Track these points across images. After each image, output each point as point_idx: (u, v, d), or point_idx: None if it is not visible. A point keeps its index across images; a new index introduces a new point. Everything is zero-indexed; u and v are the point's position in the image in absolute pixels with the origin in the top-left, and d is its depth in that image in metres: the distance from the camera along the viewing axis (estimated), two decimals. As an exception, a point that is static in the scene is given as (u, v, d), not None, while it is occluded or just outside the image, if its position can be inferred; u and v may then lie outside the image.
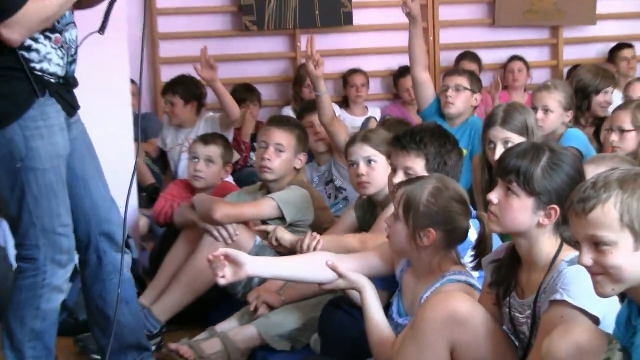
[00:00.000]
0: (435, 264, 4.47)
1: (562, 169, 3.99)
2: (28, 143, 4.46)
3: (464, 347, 4.03)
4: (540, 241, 3.99)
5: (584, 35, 11.72)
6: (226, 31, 10.55)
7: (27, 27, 4.30)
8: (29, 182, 4.49)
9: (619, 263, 3.20)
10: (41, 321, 4.64)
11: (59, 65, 4.62)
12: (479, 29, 11.38)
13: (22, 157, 4.46)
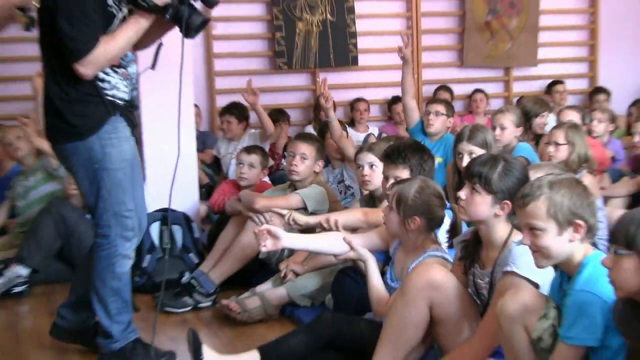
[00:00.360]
0: (419, 243, 4.52)
1: (512, 174, 4.08)
2: (103, 150, 4.53)
3: (439, 304, 4.11)
4: (496, 227, 4.07)
5: (528, 74, 11.72)
6: (265, 69, 10.54)
7: (97, 65, 4.34)
8: (103, 179, 4.55)
9: (547, 244, 3.41)
10: (117, 281, 4.71)
11: (125, 92, 4.67)
12: (452, 69, 11.38)
13: (99, 161, 4.53)
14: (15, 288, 6.35)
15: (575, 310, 3.34)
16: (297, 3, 10.42)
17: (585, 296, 3.32)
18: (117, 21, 4.50)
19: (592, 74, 11.94)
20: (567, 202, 3.40)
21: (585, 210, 3.40)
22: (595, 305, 3.29)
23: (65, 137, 4.58)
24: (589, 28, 11.97)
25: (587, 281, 3.36)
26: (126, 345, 4.81)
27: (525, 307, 3.55)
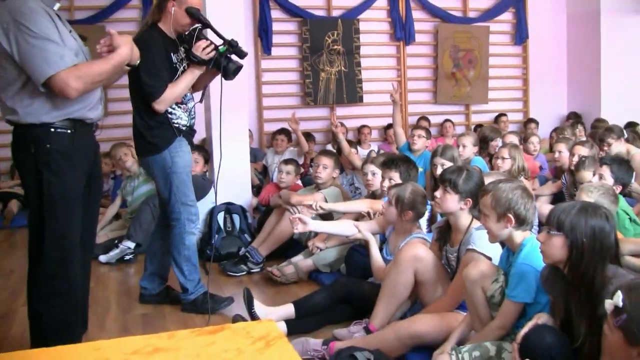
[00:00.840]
0: (408, 228, 4.51)
1: (473, 180, 4.08)
2: (172, 159, 4.59)
3: (421, 272, 4.12)
4: (461, 217, 4.08)
5: (482, 109, 11.62)
6: (298, 105, 10.45)
7: (166, 103, 4.41)
8: (173, 180, 4.62)
9: (489, 226, 3.49)
10: (187, 250, 4.75)
11: (185, 120, 4.69)
12: (429, 105, 11.30)
13: (170, 167, 4.59)
14: (126, 256, 6.37)
15: (517, 277, 3.34)
16: (320, 59, 10.39)
17: (524, 267, 3.33)
18: (179, 73, 4.56)
19: (525, 109, 11.88)
20: (504, 199, 3.43)
21: (518, 207, 3.40)
22: (531, 273, 3.30)
23: (147, 152, 4.64)
24: (522, 78, 11.91)
25: (525, 256, 3.36)
26: (197, 297, 4.85)
27: (482, 274, 3.56)
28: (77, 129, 3.47)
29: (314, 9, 10.51)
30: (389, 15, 10.95)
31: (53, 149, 3.38)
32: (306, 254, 5.70)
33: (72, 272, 3.52)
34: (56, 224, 3.43)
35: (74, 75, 3.27)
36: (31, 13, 3.24)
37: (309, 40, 10.36)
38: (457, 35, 11.24)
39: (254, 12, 10.15)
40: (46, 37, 3.23)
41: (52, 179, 3.38)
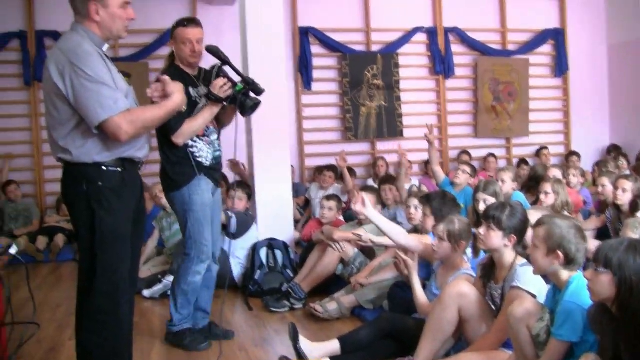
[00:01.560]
0: (458, 263, 4.53)
1: (516, 216, 4.05)
2: (190, 197, 4.69)
3: (465, 309, 4.09)
4: (505, 254, 4.04)
5: (523, 142, 11.54)
6: (338, 140, 10.56)
7: (184, 137, 4.49)
8: (189, 217, 4.71)
9: (536, 259, 3.49)
10: (187, 286, 4.80)
11: (209, 154, 4.78)
12: (469, 139, 11.28)
13: (187, 203, 4.68)
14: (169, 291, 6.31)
15: (564, 315, 3.30)
16: (361, 94, 10.45)
17: (570, 305, 3.29)
18: (199, 108, 4.68)
19: (567, 142, 11.78)
20: (557, 235, 3.40)
21: (570, 246, 3.36)
22: (578, 312, 3.25)
23: (170, 189, 4.78)
24: (563, 110, 11.82)
25: (572, 294, 3.32)
26: (181, 331, 4.91)
27: (528, 312, 3.52)
28: (126, 167, 3.55)
29: (353, 44, 10.59)
30: (428, 49, 10.99)
31: (105, 186, 3.46)
32: (349, 290, 5.67)
33: (121, 307, 3.57)
34: (107, 260, 3.48)
35: (127, 120, 3.35)
36: (86, 56, 3.33)
37: (349, 75, 10.42)
38: (496, 68, 11.23)
39: (294, 48, 10.26)
40: (101, 81, 3.32)
41: (103, 216, 3.44)
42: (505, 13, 11.30)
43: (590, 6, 11.79)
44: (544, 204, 6.19)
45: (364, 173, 10.60)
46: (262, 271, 6.36)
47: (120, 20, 3.53)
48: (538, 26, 11.53)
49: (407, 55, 10.87)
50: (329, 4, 10.50)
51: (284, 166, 6.91)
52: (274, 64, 6.88)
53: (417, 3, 10.98)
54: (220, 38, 9.84)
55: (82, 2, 3.47)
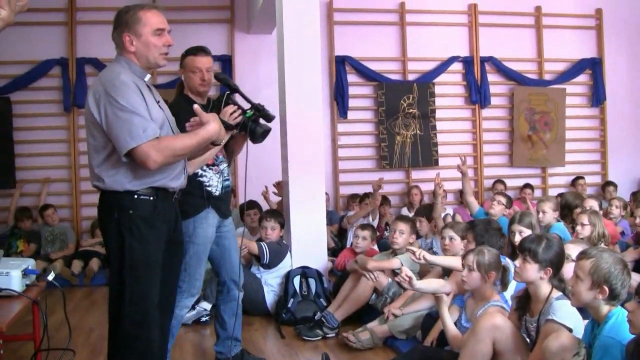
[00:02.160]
0: (489, 294, 4.43)
1: (553, 249, 4.01)
2: (195, 229, 4.60)
3: (500, 341, 4.03)
4: (541, 287, 3.99)
5: (559, 172, 11.43)
6: (373, 168, 10.55)
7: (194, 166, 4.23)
8: (189, 249, 4.54)
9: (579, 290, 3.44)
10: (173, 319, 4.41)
11: (218, 182, 4.75)
12: (504, 168, 11.20)
13: (190, 235, 4.55)
14: (202, 318, 6.39)
15: (601, 350, 3.24)
16: (396, 123, 10.45)
17: (609, 340, 3.24)
18: None
19: (604, 172, 11.64)
20: (605, 270, 3.35)
21: (616, 282, 3.31)
22: (616, 347, 3.20)
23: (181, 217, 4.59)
24: (600, 140, 11.69)
25: (611, 329, 3.28)
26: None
27: (564, 346, 3.47)
28: (159, 196, 3.56)
29: (389, 73, 10.60)
30: (464, 78, 10.97)
31: (136, 215, 3.47)
32: (382, 319, 5.62)
33: (151, 334, 3.57)
34: (136, 287, 3.49)
35: (156, 148, 3.36)
36: (122, 86, 3.38)
37: (385, 104, 10.43)
38: (532, 97, 11.16)
39: (330, 76, 10.30)
40: (132, 111, 3.35)
41: (134, 244, 3.46)
42: (541, 42, 11.24)
43: (628, 36, 11.70)
44: (580, 236, 6.11)
45: (398, 202, 10.57)
46: (295, 299, 6.34)
47: (155, 48, 3.56)
48: (575, 56, 11.45)
49: (443, 85, 10.86)
50: (366, 33, 10.54)
51: (318, 194, 6.89)
52: (310, 92, 6.89)
53: (454, 32, 10.99)
54: (258, 66, 10.06)
55: (118, 35, 3.57)
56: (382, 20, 10.66)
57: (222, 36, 10.22)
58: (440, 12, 10.85)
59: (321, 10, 9.23)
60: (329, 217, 8.65)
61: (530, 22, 11.32)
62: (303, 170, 6.80)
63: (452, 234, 5.62)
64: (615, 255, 3.46)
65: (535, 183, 11.13)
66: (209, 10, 10.09)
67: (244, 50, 10.22)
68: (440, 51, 10.82)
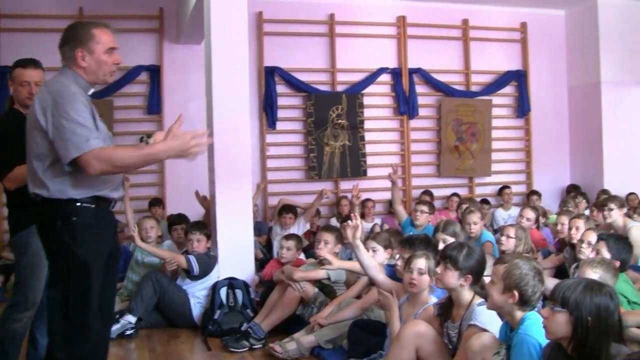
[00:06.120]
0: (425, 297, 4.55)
1: (473, 257, 4.08)
2: (28, 241, 4.30)
3: (422, 348, 4.11)
4: (462, 293, 4.08)
5: (485, 182, 11.66)
6: (302, 179, 10.59)
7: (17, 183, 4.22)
8: (22, 261, 4.41)
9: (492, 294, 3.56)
10: (4, 332, 4.39)
11: None
12: (432, 178, 11.36)
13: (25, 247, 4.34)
14: (127, 331, 6.25)
15: (519, 347, 3.34)
16: (325, 133, 10.49)
17: (525, 337, 3.34)
18: None
19: (529, 181, 11.90)
20: (516, 275, 3.46)
21: (526, 288, 3.40)
22: (532, 345, 3.30)
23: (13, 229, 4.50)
24: (525, 150, 11.97)
25: (526, 328, 3.38)
26: None
27: (485, 346, 3.60)
28: (100, 205, 3.60)
29: (318, 84, 10.65)
30: (392, 89, 11.09)
31: (79, 222, 3.50)
32: (308, 329, 5.62)
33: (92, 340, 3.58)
34: (78, 294, 3.51)
35: (96, 157, 3.38)
36: (70, 97, 3.44)
37: (314, 115, 10.45)
38: (460, 108, 11.34)
39: (259, 87, 10.30)
40: (78, 121, 3.39)
41: (76, 251, 3.48)
42: (468, 55, 11.45)
43: (552, 50, 12.02)
44: (503, 248, 6.23)
45: (327, 212, 10.59)
46: (221, 311, 6.30)
47: (105, 65, 3.65)
48: (501, 68, 11.71)
49: (372, 96, 10.96)
50: (295, 44, 10.58)
51: (246, 205, 6.87)
52: (238, 103, 6.87)
53: (382, 44, 11.10)
54: (187, 77, 10.01)
55: (69, 49, 3.62)
56: (311, 31, 10.70)
57: (150, 46, 10.12)
58: (369, 24, 10.95)
59: (251, 20, 9.29)
60: (257, 228, 8.65)
61: (458, 34, 11.53)
62: (230, 181, 6.77)
63: (375, 245, 5.68)
64: (530, 263, 3.55)
65: (463, 192, 11.30)
66: (138, 19, 9.98)
67: (173, 60, 10.14)
68: (369, 62, 10.92)
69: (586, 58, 11.58)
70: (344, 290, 5.97)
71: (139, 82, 9.97)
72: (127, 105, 9.88)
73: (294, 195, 9.95)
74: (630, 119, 11.39)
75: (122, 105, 9.81)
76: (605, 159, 11.28)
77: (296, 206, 9.16)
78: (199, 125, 7.88)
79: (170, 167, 9.73)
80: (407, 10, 11.09)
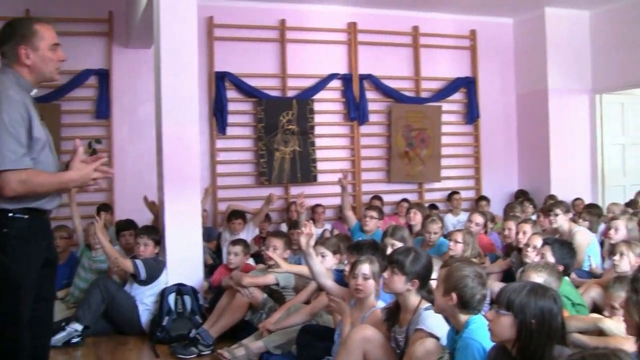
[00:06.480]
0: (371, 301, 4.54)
1: (420, 261, 4.10)
2: None
3: (370, 353, 4.15)
4: (409, 298, 4.12)
5: (435, 187, 11.75)
6: (252, 184, 10.53)
7: None
8: None
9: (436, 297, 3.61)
10: None
11: None
12: (382, 184, 11.40)
13: None
14: (73, 339, 6.16)
15: (462, 351, 3.37)
16: (275, 139, 10.46)
17: (469, 342, 3.37)
18: None
19: (478, 187, 12.02)
20: (455, 278, 3.51)
21: (465, 290, 3.44)
22: (476, 348, 3.33)
23: None
24: (474, 156, 12.09)
25: (471, 332, 3.41)
26: None
27: (428, 351, 3.67)
28: (33, 215, 3.48)
29: (269, 89, 10.63)
30: (343, 95, 11.12)
31: (10, 234, 3.39)
32: (257, 335, 5.63)
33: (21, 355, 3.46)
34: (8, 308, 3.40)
35: (18, 180, 3.30)
36: (6, 101, 3.30)
37: (264, 120, 10.43)
38: (409, 115, 11.41)
39: (209, 92, 10.24)
40: (11, 132, 3.27)
41: (7, 262, 3.37)
42: (418, 61, 11.54)
43: (500, 57, 12.18)
44: (451, 253, 6.29)
45: (277, 218, 10.57)
46: (170, 317, 6.27)
47: (51, 62, 3.54)
48: (450, 74, 11.82)
49: (322, 102, 10.96)
50: (246, 49, 10.54)
51: (195, 210, 6.84)
52: (188, 108, 6.85)
53: (333, 50, 11.13)
54: (136, 81, 9.90)
55: (11, 47, 3.47)
56: (262, 36, 10.68)
57: (99, 50, 9.98)
58: (320, 30, 10.96)
59: (201, 25, 9.26)
60: (207, 234, 8.61)
61: (408, 41, 11.60)
62: (179, 186, 6.74)
63: (324, 250, 5.71)
64: (472, 266, 3.60)
65: (412, 198, 11.37)
66: (86, 22, 9.84)
67: (123, 64, 10.03)
68: (320, 68, 10.93)
69: (534, 66, 11.77)
70: (293, 296, 5.99)
71: (87, 86, 9.83)
72: (75, 110, 9.74)
73: (244, 201, 9.91)
74: (576, 126, 11.62)
75: (70, 110, 9.67)
76: (553, 164, 11.47)
77: (245, 211, 9.13)
78: (149, 129, 7.90)
79: (118, 172, 9.62)
80: (358, 17, 11.13)
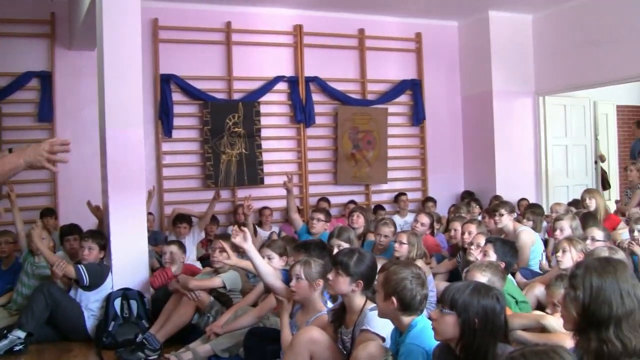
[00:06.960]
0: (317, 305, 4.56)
1: (364, 262, 4.14)
2: None
3: (317, 355, 4.15)
4: (355, 299, 4.13)
5: (382, 189, 11.85)
6: (198, 187, 10.49)
7: None
8: None
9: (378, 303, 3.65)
10: None
11: None
12: (329, 186, 11.43)
13: None
14: (15, 347, 6.05)
15: (405, 357, 3.39)
16: (222, 142, 10.44)
17: (412, 347, 3.38)
18: None
19: (424, 188, 12.14)
20: (393, 281, 3.55)
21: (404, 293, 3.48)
22: (419, 353, 3.35)
23: None
24: (420, 158, 12.21)
25: (414, 336, 3.43)
26: None
27: (371, 355, 3.65)
28: None
29: (215, 92, 10.60)
30: (289, 98, 11.14)
31: None
32: (204, 339, 5.62)
33: None
34: None
35: None
36: None
37: (210, 123, 10.40)
38: (356, 117, 11.48)
39: (154, 94, 10.16)
40: None
41: None
42: (364, 64, 11.62)
43: (445, 59, 12.34)
44: (396, 254, 6.34)
45: (225, 220, 10.54)
46: (116, 322, 6.23)
47: None
48: (396, 77, 11.92)
49: (269, 104, 10.97)
50: (192, 52, 10.49)
51: (140, 214, 6.80)
52: (132, 110, 6.80)
53: (279, 53, 11.14)
54: (79, 84, 9.79)
55: None
56: (208, 39, 10.64)
57: (41, 51, 9.84)
58: (266, 33, 10.97)
59: (146, 27, 9.21)
60: (153, 238, 8.55)
61: (354, 44, 11.68)
62: (124, 190, 6.70)
63: (270, 252, 5.73)
64: (409, 268, 3.64)
65: (359, 200, 11.45)
66: (28, 23, 9.70)
67: (65, 66, 9.91)
68: (266, 71, 10.95)
69: (478, 68, 11.95)
70: (240, 299, 5.99)
71: (29, 89, 9.69)
72: (16, 113, 9.59)
73: (191, 204, 9.88)
74: (520, 127, 11.86)
75: (11, 112, 9.52)
76: (497, 165, 11.66)
77: (191, 215, 9.10)
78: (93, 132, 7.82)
79: (62, 177, 9.50)
80: (304, 19, 11.18)
